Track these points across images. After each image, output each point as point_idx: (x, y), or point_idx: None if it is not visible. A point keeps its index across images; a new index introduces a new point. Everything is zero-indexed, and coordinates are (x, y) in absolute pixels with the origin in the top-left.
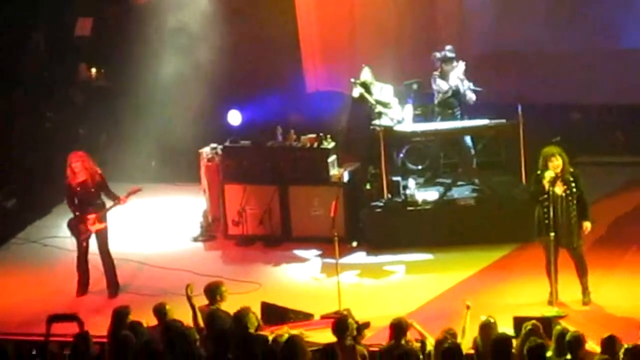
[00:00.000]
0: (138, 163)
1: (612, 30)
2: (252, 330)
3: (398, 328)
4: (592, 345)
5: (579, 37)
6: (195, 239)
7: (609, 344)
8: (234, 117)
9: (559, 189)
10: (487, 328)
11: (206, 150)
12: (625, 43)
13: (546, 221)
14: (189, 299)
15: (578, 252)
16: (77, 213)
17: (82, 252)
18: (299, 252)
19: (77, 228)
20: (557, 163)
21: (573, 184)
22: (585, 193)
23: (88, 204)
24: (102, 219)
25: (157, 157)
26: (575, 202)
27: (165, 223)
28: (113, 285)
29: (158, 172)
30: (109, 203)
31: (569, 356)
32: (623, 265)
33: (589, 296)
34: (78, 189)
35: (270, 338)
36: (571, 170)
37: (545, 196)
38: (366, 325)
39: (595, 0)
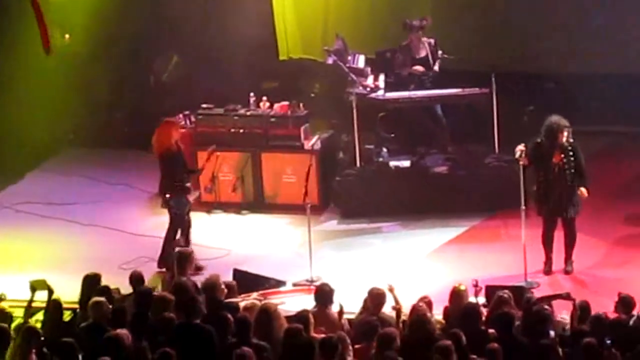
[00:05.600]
0: (110, 129)
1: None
2: (222, 298)
3: (375, 297)
4: (563, 316)
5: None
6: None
7: (584, 311)
8: None
9: (556, 158)
10: (457, 296)
11: (179, 117)
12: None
13: (541, 190)
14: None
15: (570, 222)
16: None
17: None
18: (271, 220)
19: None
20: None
21: (571, 153)
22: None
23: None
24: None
25: (129, 124)
26: (572, 170)
27: (137, 189)
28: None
29: (130, 138)
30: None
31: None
32: (599, 235)
33: (571, 265)
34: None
35: (242, 306)
36: (571, 140)
37: (541, 164)
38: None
39: None
